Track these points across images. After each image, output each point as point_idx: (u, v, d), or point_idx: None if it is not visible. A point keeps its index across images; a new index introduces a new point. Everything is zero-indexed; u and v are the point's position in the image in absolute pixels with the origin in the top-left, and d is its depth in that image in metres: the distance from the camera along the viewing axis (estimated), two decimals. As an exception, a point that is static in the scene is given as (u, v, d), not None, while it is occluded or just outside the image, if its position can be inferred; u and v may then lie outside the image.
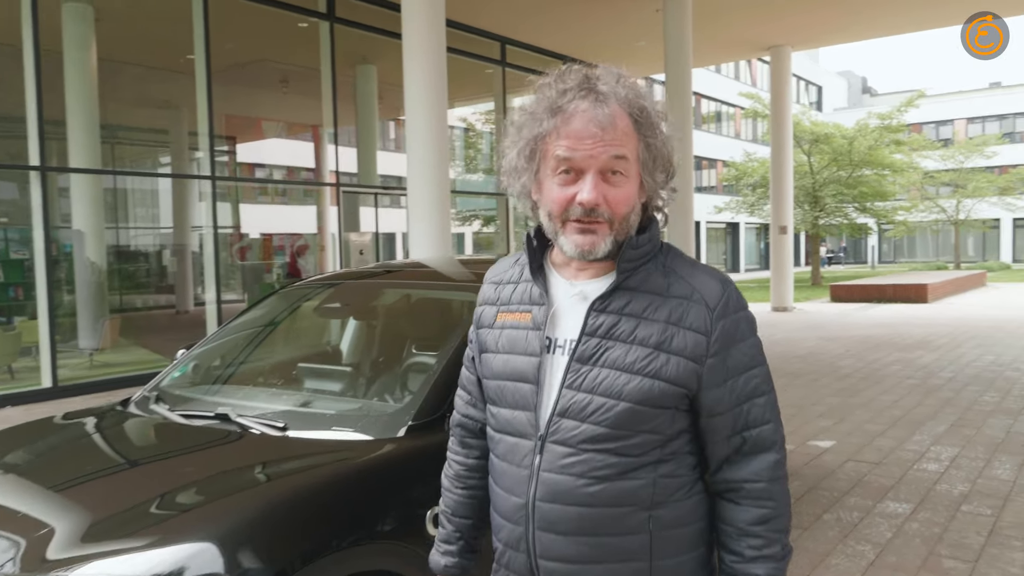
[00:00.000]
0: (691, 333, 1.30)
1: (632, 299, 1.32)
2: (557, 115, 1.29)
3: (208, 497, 1.97)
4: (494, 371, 1.43)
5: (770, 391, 1.38)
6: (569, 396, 1.31)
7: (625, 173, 1.30)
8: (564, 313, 1.37)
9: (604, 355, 1.30)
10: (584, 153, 1.27)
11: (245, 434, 2.33)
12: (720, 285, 1.35)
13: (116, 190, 14.99)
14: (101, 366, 10.29)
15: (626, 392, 1.28)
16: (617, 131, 1.28)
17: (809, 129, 26.10)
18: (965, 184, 32.78)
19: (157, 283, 15.48)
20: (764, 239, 40.22)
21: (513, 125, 1.39)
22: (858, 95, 55.45)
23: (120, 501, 1.98)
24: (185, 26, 10.19)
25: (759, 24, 14.16)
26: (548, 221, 1.34)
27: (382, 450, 2.21)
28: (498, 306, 1.47)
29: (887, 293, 18.38)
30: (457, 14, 11.90)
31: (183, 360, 3.14)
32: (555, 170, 1.31)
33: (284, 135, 18.82)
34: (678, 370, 1.28)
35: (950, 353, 9.98)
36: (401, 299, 3.14)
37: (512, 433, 1.39)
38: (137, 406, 2.79)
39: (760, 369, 1.37)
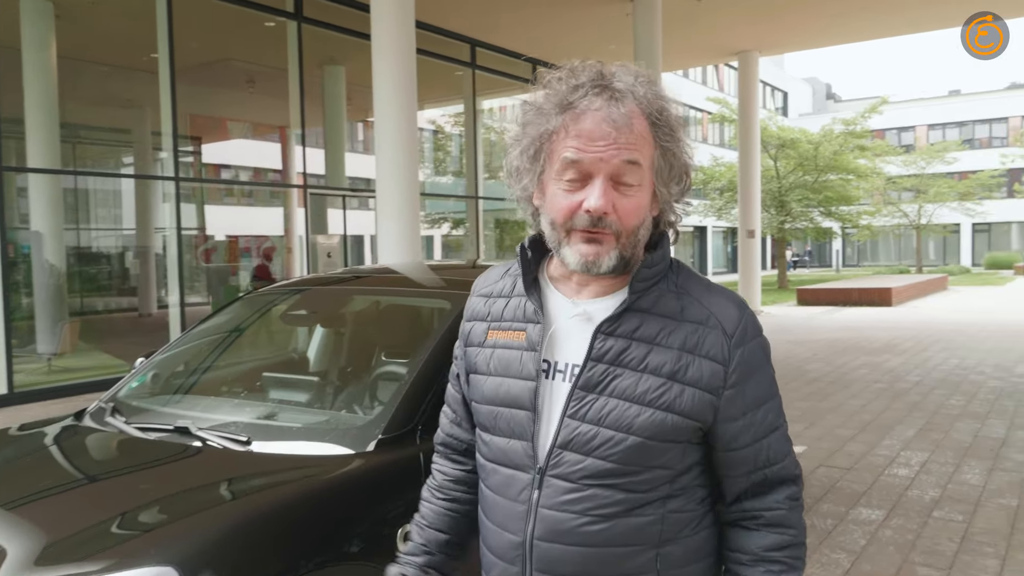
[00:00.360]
0: (707, 362, 1.19)
1: (643, 322, 1.20)
2: (566, 112, 1.17)
3: (168, 517, 1.87)
4: (485, 395, 1.30)
5: (784, 422, 1.29)
6: (572, 427, 1.19)
7: (638, 182, 1.17)
8: (565, 334, 1.24)
9: (612, 383, 1.18)
10: (594, 155, 1.15)
11: (206, 448, 2.22)
12: (737, 310, 1.23)
13: (77, 191, 14.64)
14: (60, 371, 10.01)
15: (636, 425, 1.17)
16: (633, 133, 1.15)
17: (776, 134, 26.39)
18: (926, 189, 33.41)
19: (119, 286, 15.15)
20: (731, 243, 40.60)
21: (519, 122, 1.26)
22: (823, 101, 56.24)
23: (74, 521, 1.86)
24: (149, 24, 9.97)
25: (728, 29, 14.26)
26: (551, 230, 1.22)
27: (351, 466, 2.11)
28: (488, 322, 1.34)
29: (852, 297, 18.61)
30: (427, 15, 11.79)
31: (142, 369, 3.01)
32: (561, 173, 1.18)
33: (251, 136, 18.55)
34: (693, 402, 1.17)
35: (916, 357, 10.09)
36: (370, 306, 3.05)
37: (507, 464, 1.27)
38: (92, 418, 2.66)
39: (776, 400, 1.27)
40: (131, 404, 2.71)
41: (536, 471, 1.22)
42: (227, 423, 2.42)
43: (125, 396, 2.82)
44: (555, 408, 1.22)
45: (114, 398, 2.80)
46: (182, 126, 10.57)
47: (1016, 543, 3.88)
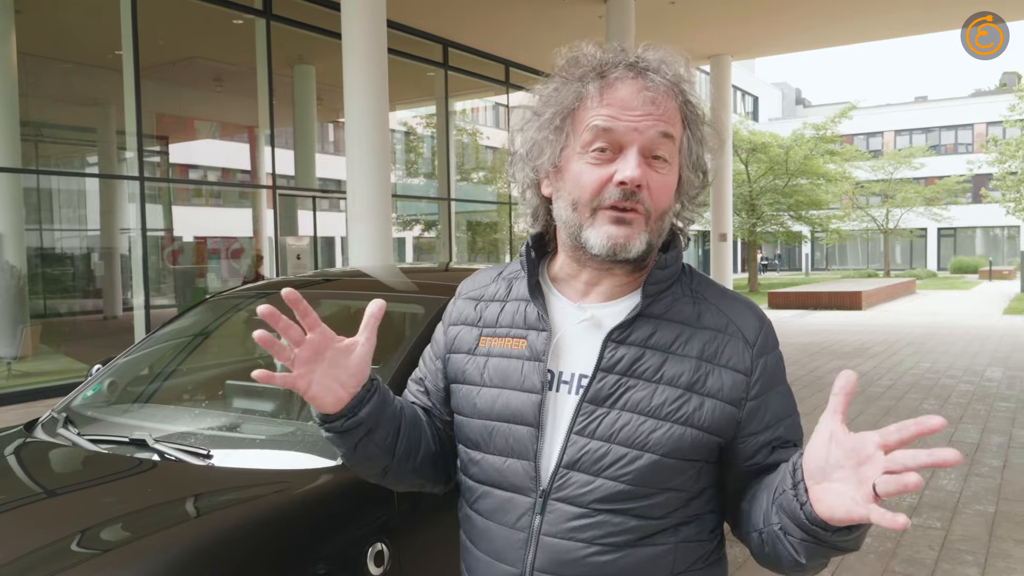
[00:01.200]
0: (728, 372, 1.10)
1: (658, 329, 1.10)
2: (599, 80, 1.08)
3: (119, 540, 1.73)
4: (479, 409, 1.17)
5: (800, 438, 1.17)
6: (580, 444, 1.09)
7: (669, 159, 1.09)
8: (570, 342, 1.13)
9: (625, 396, 1.08)
10: (629, 124, 1.05)
11: (163, 463, 2.08)
12: (757, 318, 1.16)
13: (40, 190, 14.27)
14: (20, 376, 9.73)
15: (652, 442, 1.06)
16: (669, 106, 1.07)
17: (747, 138, 26.60)
18: (894, 194, 33.88)
19: (84, 287, 14.78)
20: (703, 246, 40.85)
21: (536, 97, 1.15)
22: (792, 106, 56.85)
23: (14, 546, 1.72)
24: (113, 20, 9.73)
25: (701, 32, 14.30)
26: (571, 212, 1.10)
27: (317, 481, 1.99)
28: (480, 328, 1.22)
29: (823, 300, 18.75)
30: (398, 15, 11.66)
31: (98, 376, 2.85)
32: (588, 145, 1.07)
33: (218, 135, 18.24)
34: (713, 415, 1.08)
35: (887, 360, 10.14)
36: (339, 310, 2.92)
37: (503, 486, 1.14)
38: (44, 429, 2.50)
39: (795, 415, 1.17)
40: (85, 414, 2.56)
41: (539, 494, 1.11)
42: (187, 434, 2.29)
43: (79, 405, 2.66)
44: (560, 424, 1.11)
45: (67, 407, 2.65)
46: (148, 125, 10.33)
47: (995, 550, 3.85)
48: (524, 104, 1.18)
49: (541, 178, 1.16)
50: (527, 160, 1.15)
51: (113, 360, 2.95)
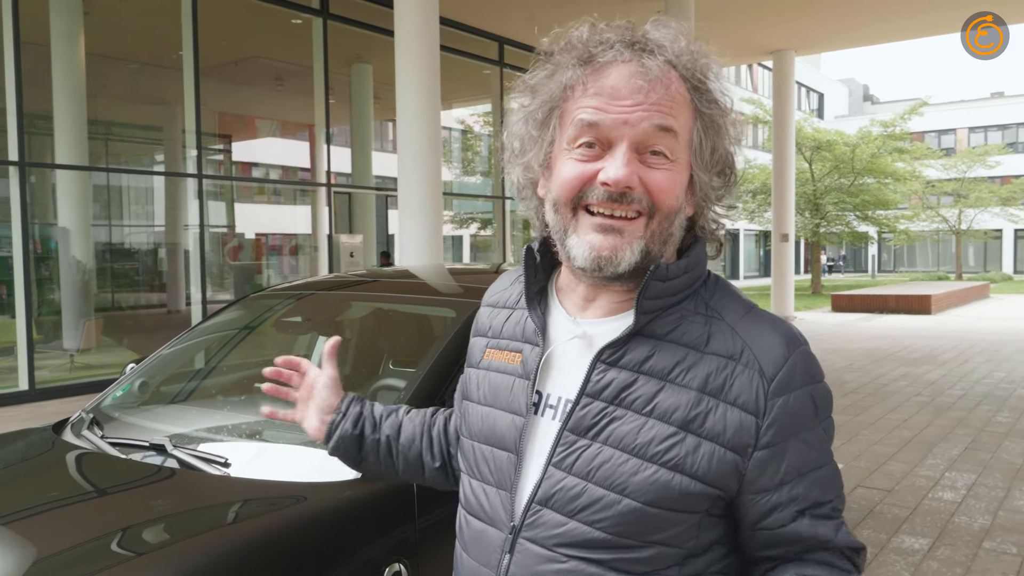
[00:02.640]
0: (734, 410, 0.90)
1: (656, 351, 0.93)
2: (587, 66, 0.93)
3: (118, 555, 1.65)
4: (471, 428, 1.08)
5: (838, 496, 0.97)
6: (557, 479, 0.94)
7: (670, 154, 0.92)
8: (561, 360, 0.99)
9: (609, 428, 0.92)
10: (616, 116, 0.90)
11: (179, 472, 2.01)
12: (784, 344, 0.94)
13: (106, 187, 14.68)
14: (82, 368, 9.98)
15: (632, 486, 0.90)
16: (668, 93, 0.91)
17: (811, 136, 25.85)
18: (967, 194, 32.56)
19: (149, 282, 15.16)
20: (764, 246, 39.97)
21: (525, 86, 1.01)
22: (859, 103, 55.23)
23: (25, 554, 1.66)
24: (176, 21, 9.91)
25: (763, 27, 13.90)
26: (555, 215, 0.96)
27: (335, 495, 1.89)
28: (488, 338, 1.11)
29: (889, 303, 18.08)
30: (454, 12, 11.61)
31: (130, 376, 2.82)
32: (574, 142, 0.93)
33: (278, 134, 18.52)
34: (710, 462, 0.90)
35: (959, 368, 9.67)
36: (370, 313, 2.82)
37: (480, 517, 1.03)
38: (72, 429, 2.46)
39: (828, 468, 0.96)
40: (112, 416, 2.52)
41: (510, 530, 0.98)
42: (208, 440, 2.21)
43: (108, 406, 2.62)
44: (540, 452, 0.97)
45: (96, 408, 2.61)
46: (211, 124, 10.50)
47: (1077, 580, 3.56)
48: (515, 93, 1.04)
49: (535, 178, 1.02)
50: (515, 158, 1.02)
51: (146, 359, 2.91)
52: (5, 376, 8.83)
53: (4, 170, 8.55)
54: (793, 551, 0.95)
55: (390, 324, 2.83)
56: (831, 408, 0.98)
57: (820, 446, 0.95)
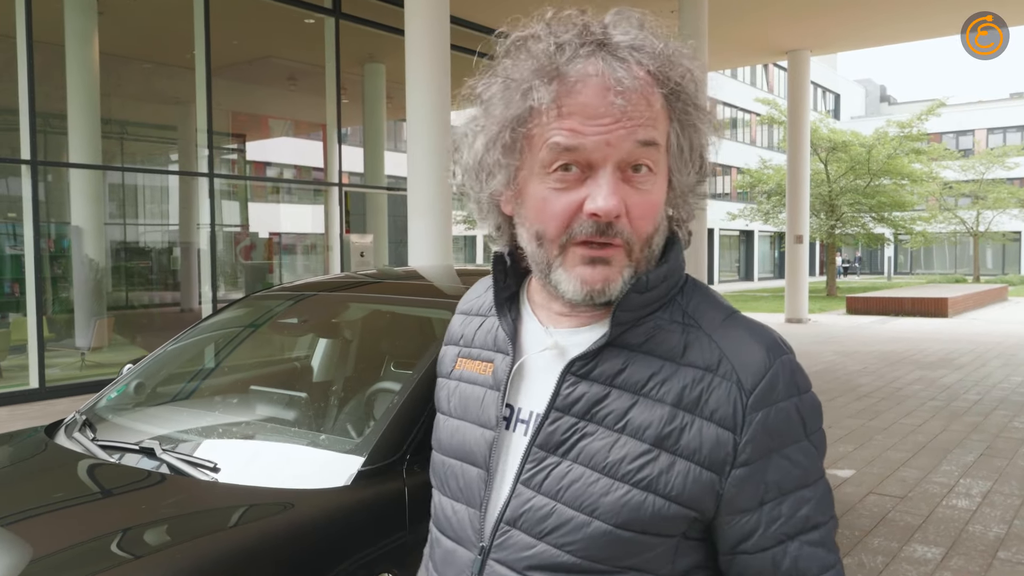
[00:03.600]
0: (710, 426, 0.84)
1: (630, 363, 0.87)
2: (554, 82, 0.83)
3: (102, 563, 1.60)
4: (441, 442, 1.02)
5: (830, 519, 0.88)
6: (525, 497, 0.88)
7: (654, 167, 0.86)
8: (534, 372, 0.93)
9: (579, 444, 0.86)
10: (598, 138, 0.82)
11: (168, 477, 1.97)
12: (765, 353, 0.87)
13: (118, 186, 14.75)
14: (93, 366, 10.01)
15: (603, 507, 0.84)
16: (648, 102, 0.84)
17: (827, 136, 25.63)
18: (985, 195, 32.21)
19: (162, 280, 15.23)
20: (779, 247, 39.72)
21: (476, 99, 0.91)
22: (876, 103, 54.80)
23: (6, 560, 1.62)
24: (189, 21, 9.92)
25: (778, 27, 13.77)
26: (536, 247, 0.88)
27: (324, 503, 1.84)
28: (460, 347, 1.06)
29: (905, 306, 17.88)
30: (466, 11, 11.57)
31: (126, 377, 2.78)
32: (549, 166, 0.85)
33: (290, 133, 18.55)
34: (685, 482, 0.83)
35: (975, 372, 9.52)
36: (367, 315, 2.77)
37: (450, 535, 0.97)
38: (66, 431, 2.43)
39: (817, 488, 0.87)
40: (105, 418, 2.48)
41: (479, 551, 0.92)
42: (198, 444, 2.17)
43: (103, 408, 2.59)
44: (510, 469, 0.92)
45: (91, 409, 2.58)
46: (224, 123, 10.50)
47: (1095, 592, 3.47)
48: (467, 96, 0.94)
49: (498, 198, 0.94)
50: (476, 180, 0.93)
51: (142, 360, 2.88)
52: (16, 374, 8.87)
53: (16, 169, 8.58)
54: None
55: (390, 325, 2.78)
56: (820, 420, 0.90)
57: (806, 463, 0.87)
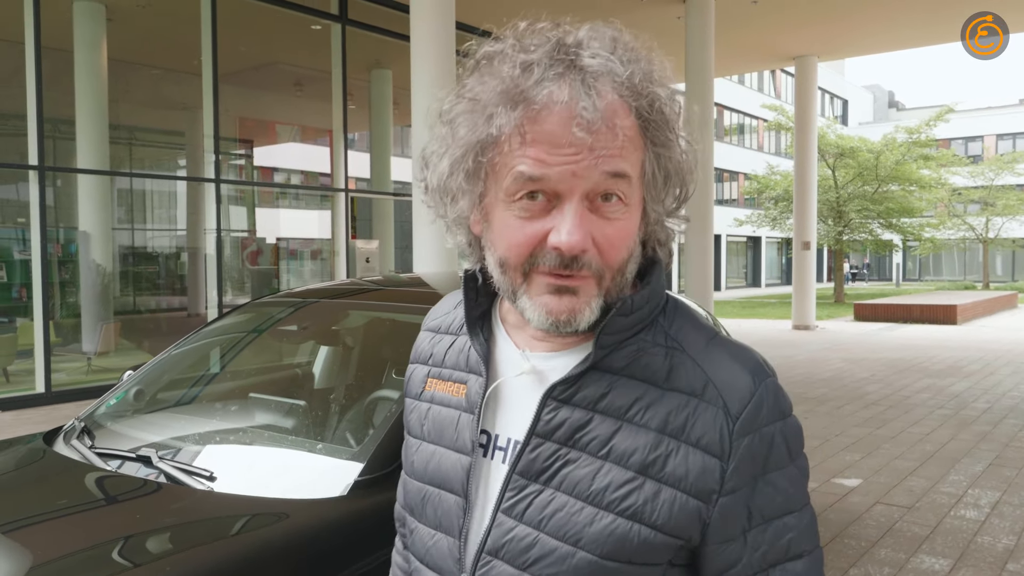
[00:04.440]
0: (696, 452, 0.81)
1: (613, 387, 0.84)
2: (519, 107, 0.79)
3: (91, 574, 1.59)
4: (415, 468, 0.98)
5: (815, 548, 0.86)
6: (506, 527, 0.86)
7: (625, 198, 0.82)
8: (510, 395, 0.90)
9: (562, 472, 0.84)
10: (563, 168, 0.78)
11: (162, 486, 1.95)
12: (751, 377, 0.85)
13: (126, 192, 14.80)
14: (99, 371, 10.03)
15: (587, 537, 0.81)
16: (616, 133, 0.79)
17: (834, 142, 25.57)
18: (995, 201, 32.05)
19: (169, 285, 15.26)
20: (786, 253, 39.60)
21: (443, 117, 0.87)
22: (884, 109, 54.65)
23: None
24: (196, 27, 9.95)
25: (785, 32, 13.75)
26: (500, 274, 0.86)
27: (318, 513, 1.82)
28: (430, 366, 1.01)
29: (914, 313, 17.79)
30: (471, 18, 11.57)
31: (126, 383, 2.77)
32: (514, 195, 0.82)
33: (298, 139, 18.59)
34: (671, 510, 0.81)
35: (984, 381, 9.45)
36: (366, 323, 2.75)
37: (429, 565, 0.94)
38: (64, 438, 2.42)
39: (801, 516, 0.85)
40: (103, 425, 2.47)
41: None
42: (195, 452, 2.16)
43: (101, 414, 2.58)
44: (490, 497, 0.89)
45: (90, 416, 2.56)
46: (231, 129, 10.51)
47: (1105, 605, 3.41)
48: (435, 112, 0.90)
49: (464, 220, 0.90)
50: (440, 198, 0.90)
51: (143, 366, 2.87)
52: (23, 378, 8.89)
53: (24, 174, 8.62)
54: None
55: (389, 333, 2.76)
56: (802, 445, 0.88)
57: (790, 489, 0.85)
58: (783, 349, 12.67)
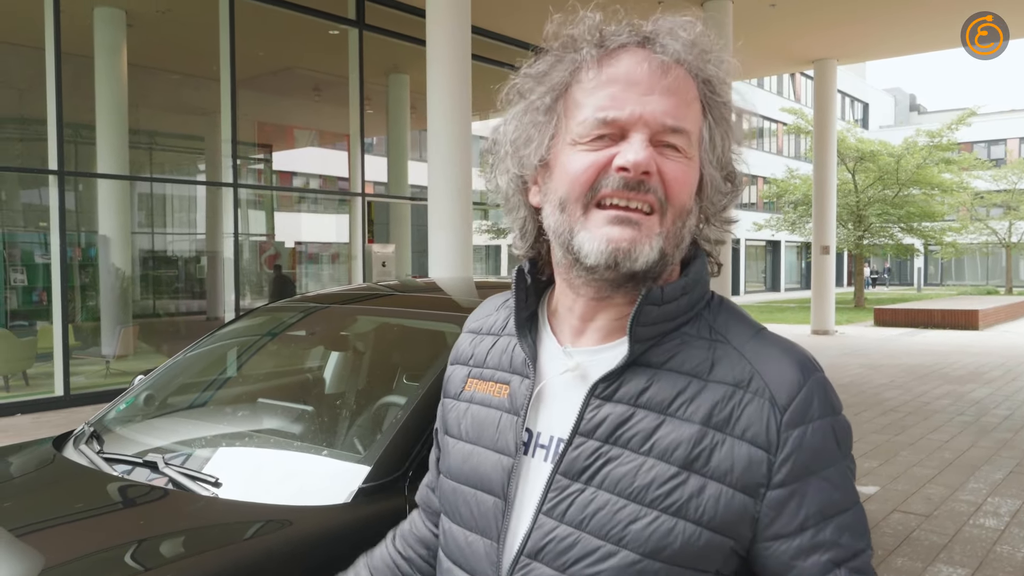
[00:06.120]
0: (743, 445, 0.80)
1: (654, 381, 0.84)
2: (597, 49, 0.86)
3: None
4: (451, 468, 0.98)
5: (867, 547, 0.84)
6: (547, 528, 0.84)
7: (684, 151, 0.85)
8: (553, 394, 0.90)
9: (604, 470, 0.83)
10: (635, 107, 0.82)
11: (167, 492, 1.95)
12: (798, 370, 0.83)
13: (146, 196, 14.94)
14: (117, 374, 10.11)
15: (630, 535, 0.80)
16: (680, 85, 0.84)
17: (854, 146, 25.34)
18: (1018, 206, 31.63)
19: (187, 289, 15.38)
20: (806, 258, 39.29)
21: (530, 79, 0.91)
22: (906, 112, 54.13)
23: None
24: (216, 33, 10.03)
25: (803, 36, 13.66)
26: (559, 214, 0.86)
27: (322, 520, 1.81)
28: (470, 367, 1.02)
29: (935, 318, 17.58)
30: (487, 22, 11.59)
31: (137, 388, 2.78)
32: (583, 137, 0.84)
33: (316, 144, 18.69)
34: (717, 506, 0.79)
35: (1006, 387, 9.31)
36: (374, 329, 2.74)
37: (464, 567, 0.93)
38: (74, 443, 2.43)
39: (856, 513, 0.83)
40: (112, 429, 2.48)
41: None
42: (202, 458, 2.16)
43: (111, 419, 2.59)
44: (530, 498, 0.88)
45: (100, 421, 2.57)
46: (250, 134, 10.58)
47: None
48: (511, 87, 0.94)
49: (529, 182, 0.92)
50: (511, 154, 0.91)
51: (154, 371, 2.88)
52: (42, 381, 8.98)
53: (44, 179, 8.71)
54: None
55: (399, 339, 2.76)
56: (851, 444, 0.87)
57: (844, 485, 0.83)
58: (801, 354, 12.55)
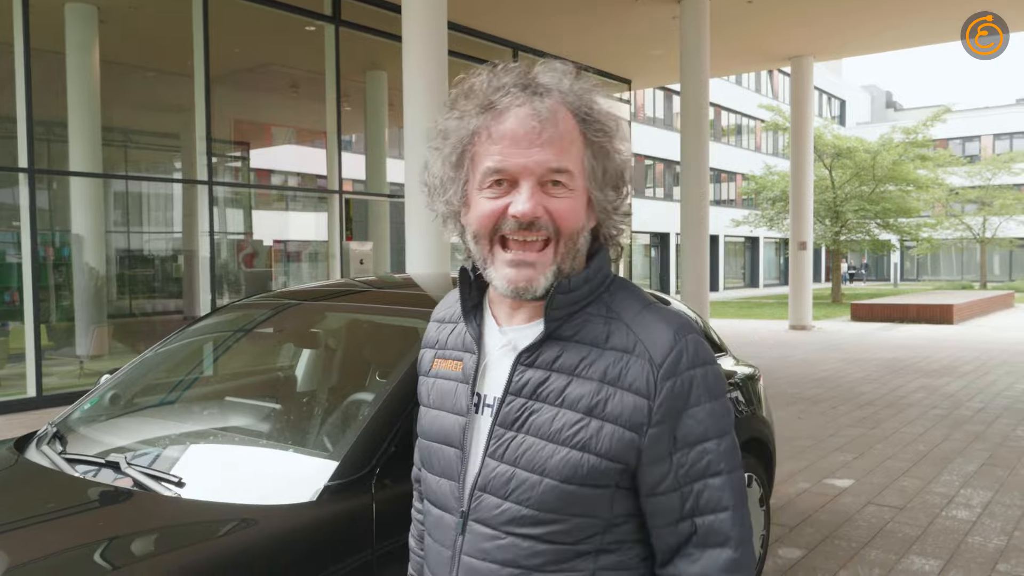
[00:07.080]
0: (629, 395, 1.05)
1: (564, 351, 1.09)
2: (487, 112, 1.07)
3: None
4: (424, 429, 1.24)
5: (732, 470, 1.07)
6: (491, 467, 1.10)
7: (570, 184, 1.07)
8: (494, 365, 1.16)
9: (530, 419, 1.08)
10: (519, 161, 1.05)
11: (129, 493, 1.91)
12: (672, 334, 1.08)
13: (120, 194, 14.74)
14: (91, 374, 9.98)
15: (550, 467, 1.05)
16: (558, 131, 1.05)
17: (831, 143, 25.55)
18: (991, 201, 32.06)
19: (162, 288, 15.20)
20: (784, 254, 39.58)
21: (440, 131, 1.14)
22: (882, 109, 54.65)
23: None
24: (189, 29, 9.91)
25: (780, 32, 13.71)
26: (475, 245, 1.11)
27: (287, 519, 1.78)
28: (436, 350, 1.27)
29: (910, 313, 17.77)
30: (465, 18, 11.55)
31: (102, 388, 2.73)
32: (483, 183, 1.08)
33: (293, 141, 18.53)
34: (611, 441, 1.04)
35: (979, 380, 9.41)
36: (343, 325, 2.71)
37: (438, 504, 1.19)
38: (37, 443, 2.38)
39: (720, 442, 1.07)
40: (76, 430, 2.43)
41: (460, 514, 1.14)
42: (166, 458, 2.12)
43: (75, 419, 2.54)
44: (479, 446, 1.13)
45: (64, 421, 2.53)
46: (224, 131, 10.47)
47: (1096, 607, 3.38)
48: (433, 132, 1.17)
49: (457, 211, 1.15)
50: (437, 195, 1.15)
51: (119, 370, 2.83)
52: (14, 382, 8.85)
53: (15, 177, 8.57)
54: (683, 530, 1.06)
55: (367, 335, 2.73)
56: (722, 388, 1.10)
57: (708, 421, 1.06)
58: (779, 349, 12.64)
